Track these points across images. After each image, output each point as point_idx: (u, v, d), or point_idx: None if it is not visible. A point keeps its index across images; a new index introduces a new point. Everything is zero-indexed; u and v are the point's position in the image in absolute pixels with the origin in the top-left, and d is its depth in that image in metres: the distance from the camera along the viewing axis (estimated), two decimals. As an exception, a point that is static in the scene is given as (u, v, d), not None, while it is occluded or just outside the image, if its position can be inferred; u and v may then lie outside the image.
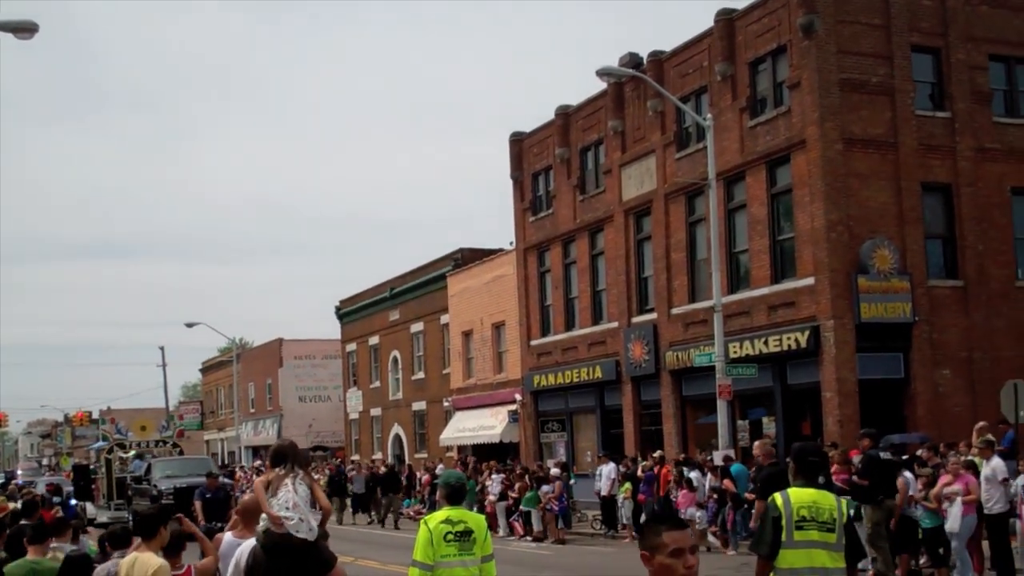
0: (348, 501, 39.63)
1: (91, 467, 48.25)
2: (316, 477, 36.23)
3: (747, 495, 19.78)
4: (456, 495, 8.77)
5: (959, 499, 16.50)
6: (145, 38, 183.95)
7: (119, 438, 47.70)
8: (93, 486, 42.17)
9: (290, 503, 8.08)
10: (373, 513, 38.49)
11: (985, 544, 17.36)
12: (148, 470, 35.23)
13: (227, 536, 9.57)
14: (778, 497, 7.74)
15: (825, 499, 7.74)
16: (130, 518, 28.92)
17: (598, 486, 29.33)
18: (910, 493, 17.39)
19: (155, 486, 33.00)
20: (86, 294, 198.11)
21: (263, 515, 8.41)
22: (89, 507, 40.21)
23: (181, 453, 43.34)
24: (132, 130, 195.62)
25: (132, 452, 41.38)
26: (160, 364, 73.78)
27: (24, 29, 18.79)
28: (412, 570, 8.40)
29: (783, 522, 7.58)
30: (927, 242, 27.72)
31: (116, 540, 9.41)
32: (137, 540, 8.97)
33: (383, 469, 39.74)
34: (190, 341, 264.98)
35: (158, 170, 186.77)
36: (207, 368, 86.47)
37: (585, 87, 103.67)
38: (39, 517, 12.19)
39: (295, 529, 7.97)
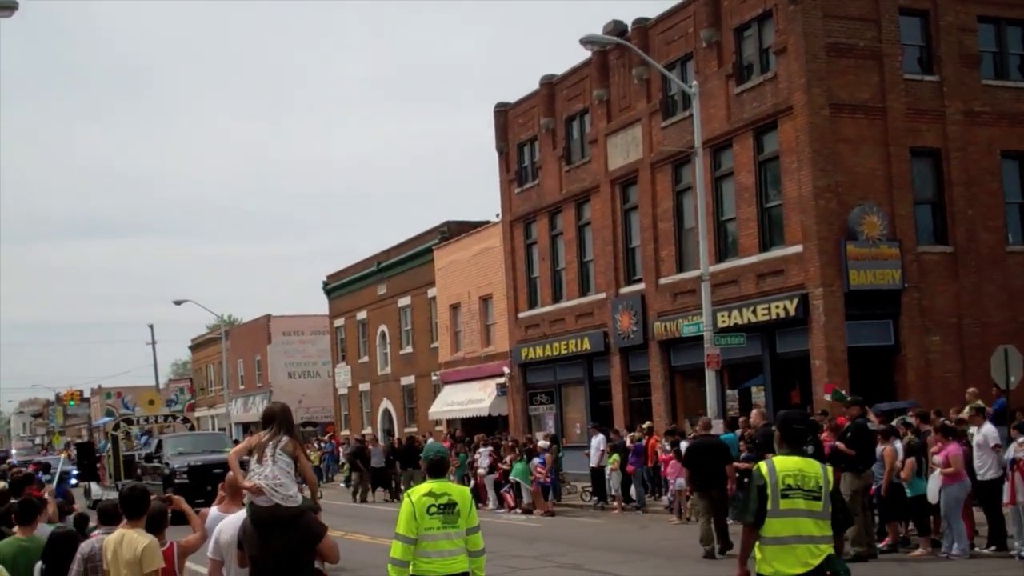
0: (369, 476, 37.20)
1: (95, 444, 46.72)
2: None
3: (737, 464, 19.72)
4: (437, 468, 8.62)
5: (938, 470, 16.45)
6: (132, 14, 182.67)
7: (126, 413, 44.71)
8: (99, 465, 40.05)
9: (269, 475, 7.92)
10: (384, 490, 36.96)
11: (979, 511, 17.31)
12: (159, 447, 33.03)
13: (212, 511, 9.46)
14: (763, 466, 7.58)
15: (811, 467, 7.57)
16: None
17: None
18: (898, 461, 17.34)
19: (167, 464, 30.85)
20: (74, 273, 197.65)
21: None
22: (95, 487, 38.58)
23: (192, 428, 40.68)
24: (120, 108, 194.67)
25: (135, 428, 39.24)
26: (149, 342, 73.57)
27: (3, 7, 18.47)
28: (395, 543, 8.27)
29: (768, 491, 7.42)
30: (916, 208, 27.52)
31: (106, 517, 9.26)
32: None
33: (400, 442, 37.72)
34: (179, 319, 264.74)
35: (145, 148, 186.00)
36: (196, 345, 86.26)
37: (569, 56, 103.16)
38: (28, 495, 12.06)
39: (276, 498, 7.78)
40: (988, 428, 16.87)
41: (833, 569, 7.40)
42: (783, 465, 7.51)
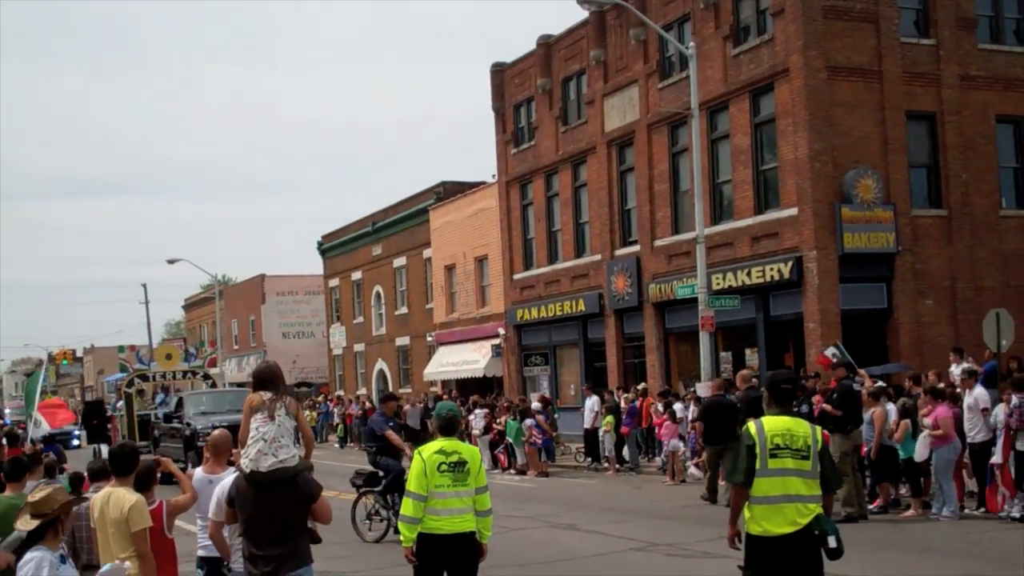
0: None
1: (105, 403, 43.46)
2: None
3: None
4: (449, 426, 8.70)
5: (926, 431, 16.59)
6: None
7: (141, 369, 39.11)
8: (110, 425, 37.16)
9: (269, 436, 7.91)
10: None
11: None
12: (179, 406, 30.41)
13: (198, 472, 9.45)
14: (752, 426, 7.64)
15: (799, 427, 7.63)
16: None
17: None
18: (889, 424, 17.47)
19: (188, 424, 28.23)
20: (67, 232, 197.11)
21: (244, 450, 8.24)
22: (105, 450, 35.37)
23: (213, 385, 37.95)
24: (111, 66, 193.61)
25: (135, 387, 36.50)
26: (143, 301, 73.71)
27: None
28: (406, 500, 8.41)
29: (757, 450, 7.48)
30: (911, 171, 27.52)
31: (95, 475, 9.30)
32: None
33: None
34: (172, 278, 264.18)
35: (139, 106, 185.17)
36: (190, 305, 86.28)
37: (567, 16, 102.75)
38: (23, 453, 12.13)
39: (271, 459, 7.78)
40: (979, 390, 17.00)
41: (821, 528, 7.46)
42: (772, 425, 7.58)
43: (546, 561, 14.70)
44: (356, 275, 55.29)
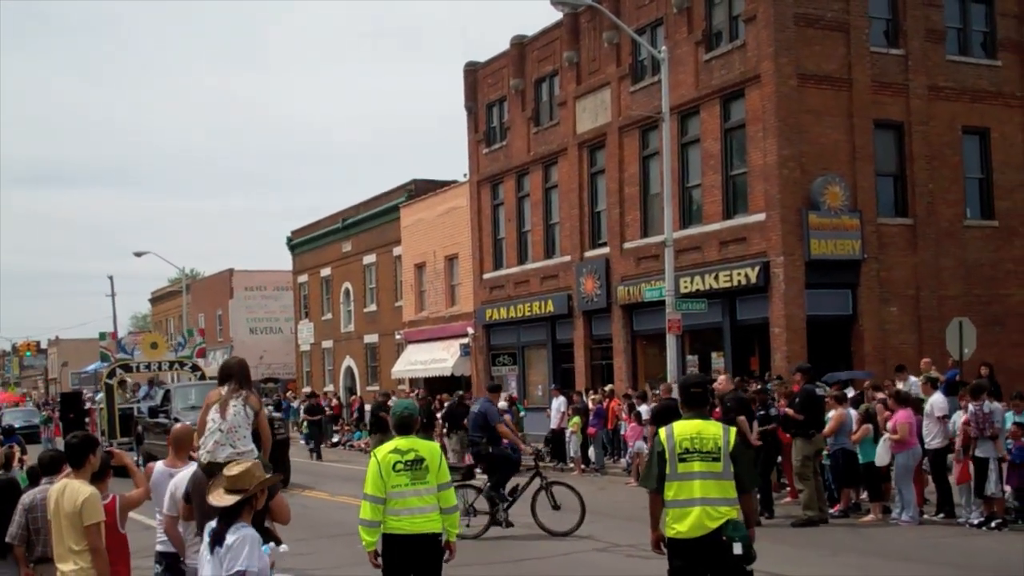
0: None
1: (83, 395, 42.08)
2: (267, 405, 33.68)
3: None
4: (404, 425, 8.60)
5: (886, 435, 16.79)
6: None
7: (123, 358, 36.17)
8: (87, 419, 35.66)
9: (225, 427, 7.96)
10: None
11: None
12: (166, 399, 28.82)
13: (158, 466, 9.44)
14: (662, 432, 7.74)
15: (709, 429, 7.68)
16: (140, 459, 24.73)
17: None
18: (852, 429, 17.65)
19: (176, 419, 25.46)
20: (34, 223, 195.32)
21: (201, 441, 8.28)
22: None
23: (202, 377, 35.30)
24: (80, 56, 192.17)
25: (116, 378, 34.73)
26: (109, 294, 73.26)
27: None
28: (363, 504, 8.30)
29: (667, 456, 7.57)
30: (878, 180, 27.76)
31: (47, 467, 9.23)
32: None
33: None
34: (140, 271, 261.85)
35: (108, 98, 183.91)
36: (157, 298, 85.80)
37: (540, 17, 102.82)
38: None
39: (228, 450, 7.80)
40: (936, 397, 17.22)
41: (728, 535, 7.44)
42: (681, 429, 7.66)
43: (510, 560, 14.75)
44: (325, 271, 55.14)
